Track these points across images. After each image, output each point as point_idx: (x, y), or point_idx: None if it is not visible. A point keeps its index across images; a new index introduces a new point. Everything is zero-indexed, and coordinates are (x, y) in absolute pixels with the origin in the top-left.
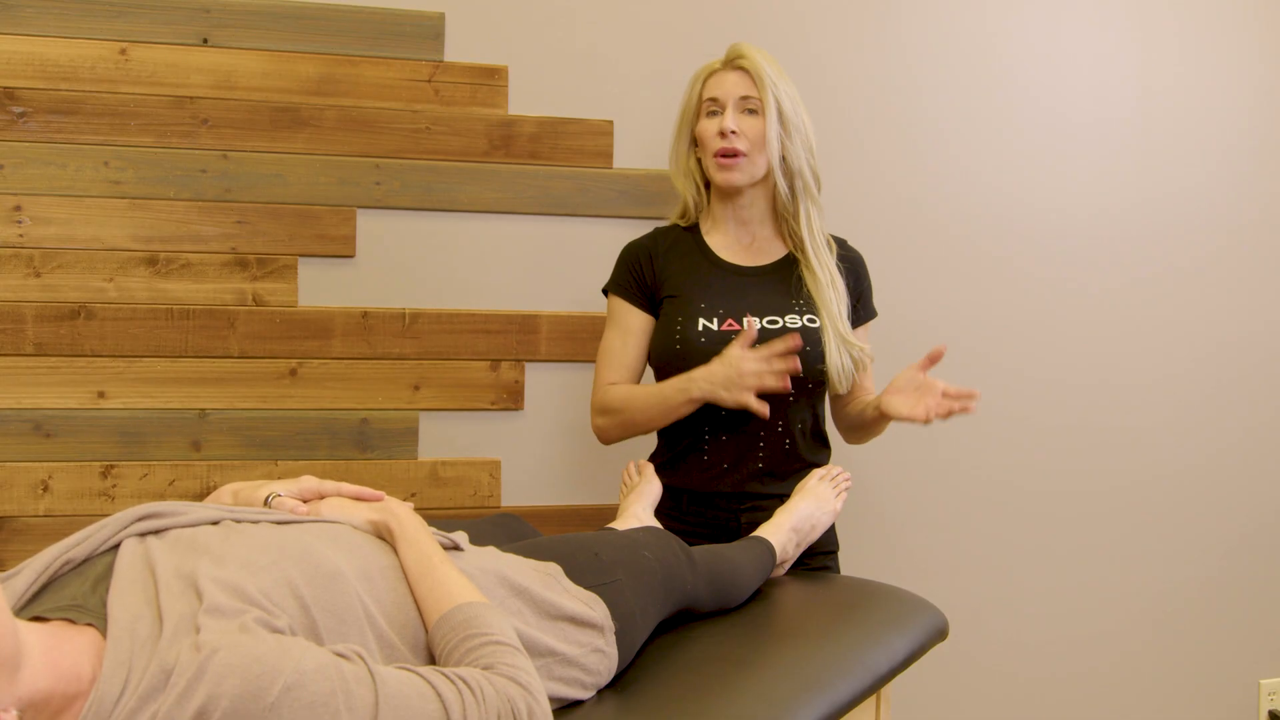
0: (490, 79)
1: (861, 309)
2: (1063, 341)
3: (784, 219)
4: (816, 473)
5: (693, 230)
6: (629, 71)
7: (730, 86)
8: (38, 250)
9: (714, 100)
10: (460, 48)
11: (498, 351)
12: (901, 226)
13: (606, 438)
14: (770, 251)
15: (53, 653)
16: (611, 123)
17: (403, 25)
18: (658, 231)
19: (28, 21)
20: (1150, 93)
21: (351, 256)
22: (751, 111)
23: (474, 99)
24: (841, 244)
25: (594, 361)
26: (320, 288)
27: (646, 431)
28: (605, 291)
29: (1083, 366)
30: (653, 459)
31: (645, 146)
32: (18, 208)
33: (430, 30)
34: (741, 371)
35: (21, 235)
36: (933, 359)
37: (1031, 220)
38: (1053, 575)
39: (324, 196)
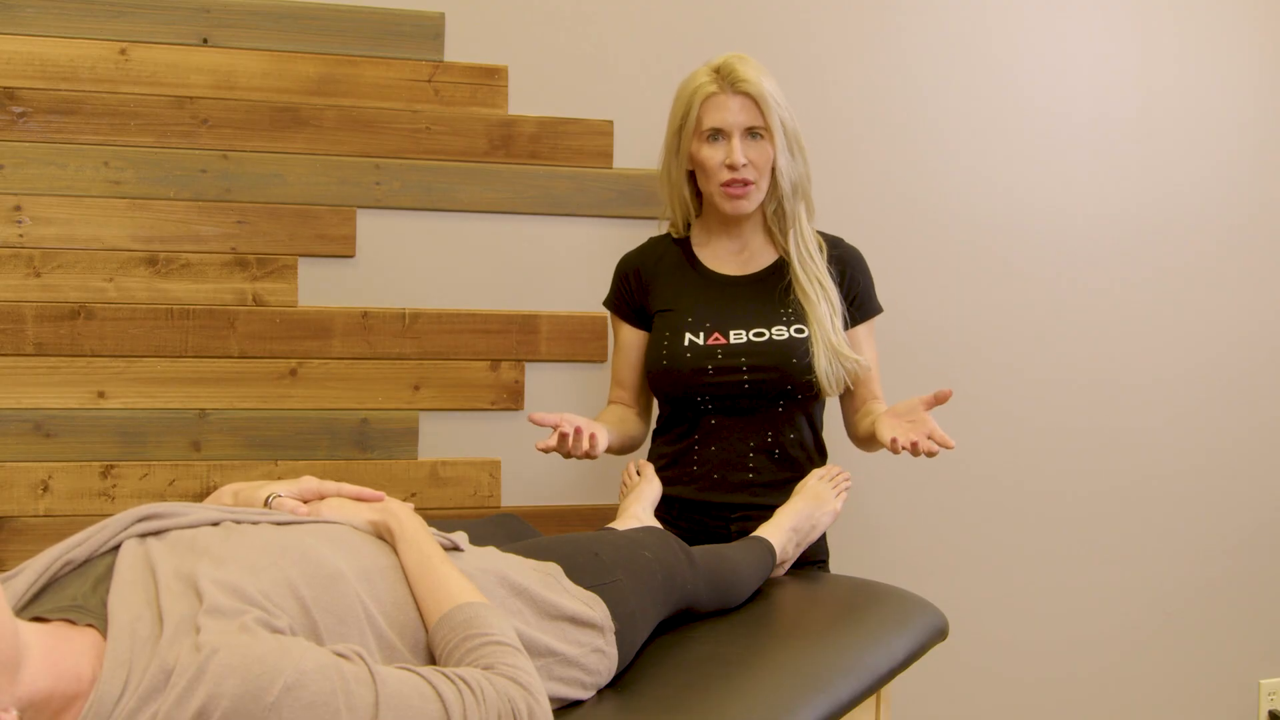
0: (490, 79)
1: (858, 310)
2: (1062, 341)
3: (774, 227)
4: (816, 473)
5: (683, 242)
6: (629, 71)
7: (734, 115)
8: (38, 250)
9: (717, 130)
10: (460, 48)
11: (498, 351)
12: (901, 227)
13: None
14: (761, 259)
15: (53, 653)
16: (611, 123)
17: (403, 25)
18: (650, 243)
19: (28, 21)
20: (1150, 93)
21: (351, 256)
22: (756, 136)
23: (474, 99)
24: (836, 243)
25: (594, 361)
26: (320, 288)
27: (622, 453)
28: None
29: (1082, 366)
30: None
31: (645, 146)
32: (18, 208)
33: (430, 30)
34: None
35: (21, 235)
36: (939, 399)
37: (1031, 220)
38: (1052, 575)
39: (324, 196)
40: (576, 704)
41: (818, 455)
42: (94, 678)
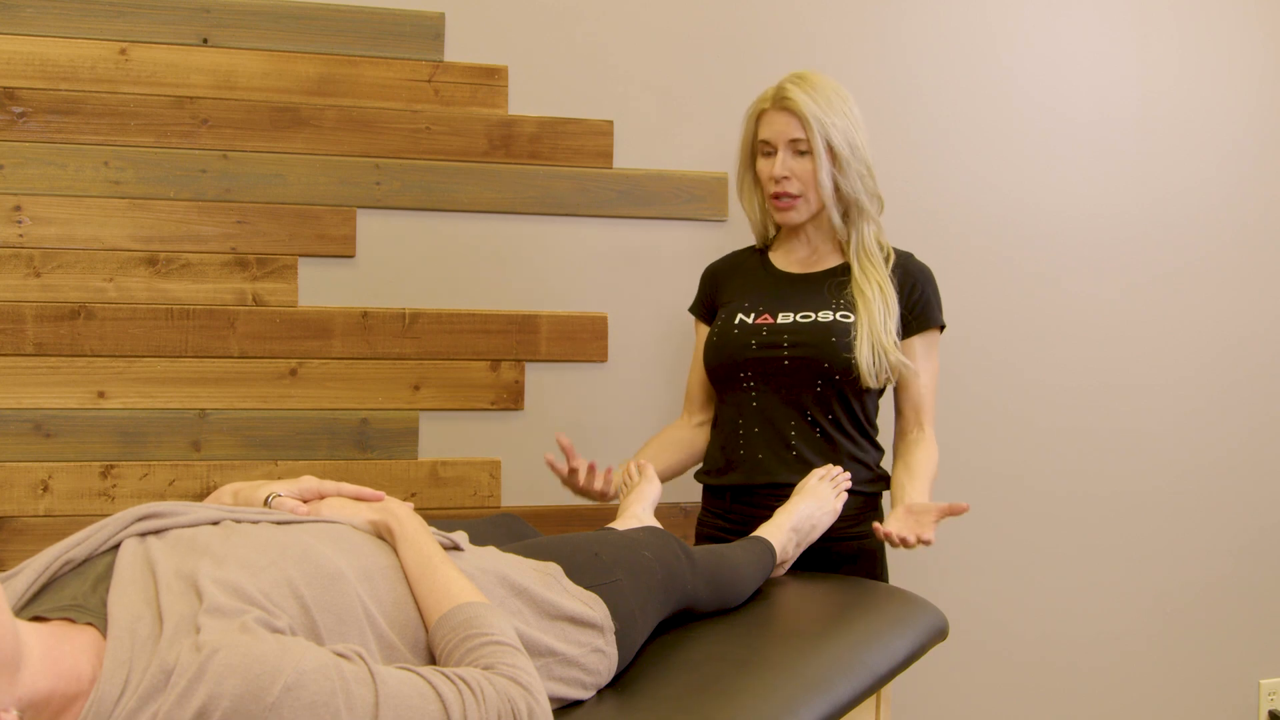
0: (490, 79)
1: (916, 319)
2: (1064, 342)
3: (838, 235)
4: (816, 473)
5: (763, 251)
6: (629, 71)
7: (780, 128)
8: (38, 250)
9: (766, 142)
10: (460, 48)
11: (498, 351)
12: (901, 227)
13: None
14: (828, 261)
15: (53, 653)
16: (611, 123)
17: (403, 25)
18: (734, 253)
19: (28, 21)
20: (1150, 93)
21: (351, 256)
22: (802, 153)
23: (474, 99)
24: (907, 257)
25: (594, 361)
26: (320, 288)
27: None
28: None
29: (1084, 368)
30: (705, 468)
31: (645, 146)
32: (18, 208)
33: (430, 30)
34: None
35: (21, 235)
36: (953, 511)
37: (1032, 221)
38: (1053, 576)
39: (324, 196)
40: (576, 704)
41: (865, 442)
42: (94, 677)
